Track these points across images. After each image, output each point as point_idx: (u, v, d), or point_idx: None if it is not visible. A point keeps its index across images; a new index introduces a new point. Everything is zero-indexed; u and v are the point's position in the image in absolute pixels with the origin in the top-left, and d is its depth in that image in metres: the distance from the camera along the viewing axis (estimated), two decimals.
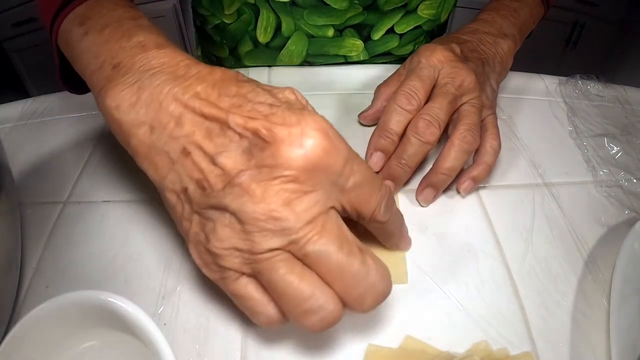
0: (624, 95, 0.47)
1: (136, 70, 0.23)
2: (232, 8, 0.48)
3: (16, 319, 0.28)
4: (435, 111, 0.33)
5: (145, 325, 0.22)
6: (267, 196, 0.20)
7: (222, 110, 0.21)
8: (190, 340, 0.27)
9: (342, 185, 0.22)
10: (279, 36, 0.49)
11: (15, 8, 1.51)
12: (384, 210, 0.24)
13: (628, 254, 0.30)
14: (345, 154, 0.21)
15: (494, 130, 0.36)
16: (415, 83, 0.34)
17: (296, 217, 0.20)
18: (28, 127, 0.43)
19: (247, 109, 0.21)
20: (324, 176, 0.21)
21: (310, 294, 0.21)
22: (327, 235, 0.21)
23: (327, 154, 0.20)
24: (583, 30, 1.51)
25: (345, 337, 0.28)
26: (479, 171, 0.35)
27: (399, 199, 0.35)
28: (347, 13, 0.47)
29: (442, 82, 0.34)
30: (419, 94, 0.34)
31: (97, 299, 0.23)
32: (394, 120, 0.34)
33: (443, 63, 0.35)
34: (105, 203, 0.35)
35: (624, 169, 0.39)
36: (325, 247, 0.21)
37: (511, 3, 0.44)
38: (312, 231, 0.20)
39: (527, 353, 0.27)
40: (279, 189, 0.20)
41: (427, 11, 0.50)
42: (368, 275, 0.22)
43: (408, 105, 0.33)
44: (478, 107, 0.35)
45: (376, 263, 0.22)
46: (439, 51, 0.35)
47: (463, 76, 0.34)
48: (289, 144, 0.20)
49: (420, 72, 0.35)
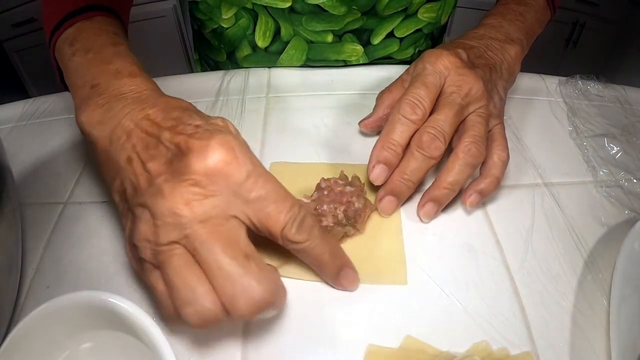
0: (624, 95, 0.47)
1: (109, 94, 0.28)
2: (229, 13, 0.47)
3: (17, 319, 0.28)
4: (441, 124, 0.32)
5: (146, 326, 0.23)
6: (174, 195, 0.23)
7: (161, 128, 0.25)
8: (190, 341, 0.27)
9: (245, 197, 0.24)
10: (278, 41, 0.49)
11: (15, 8, 1.51)
12: (295, 230, 0.25)
13: (628, 254, 0.30)
14: (248, 167, 0.24)
15: (502, 141, 0.35)
16: (420, 91, 0.33)
17: (192, 215, 0.23)
18: (28, 127, 0.43)
19: (178, 129, 0.25)
20: (224, 185, 0.24)
21: (192, 286, 0.23)
22: (216, 237, 0.23)
23: (228, 165, 0.23)
24: (583, 30, 1.51)
25: (345, 337, 0.28)
26: (486, 184, 0.33)
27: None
28: (346, 18, 0.46)
29: (448, 90, 0.33)
30: (424, 102, 0.32)
31: (99, 300, 0.23)
32: (397, 131, 0.32)
33: (449, 69, 0.34)
34: (106, 203, 0.35)
35: (624, 169, 0.39)
36: (211, 245, 0.23)
37: (517, 7, 0.43)
38: (203, 229, 0.23)
39: (527, 353, 0.27)
40: (184, 190, 0.23)
41: (428, 14, 0.49)
42: (243, 278, 0.23)
43: (412, 115, 0.32)
44: (485, 117, 0.33)
45: (260, 271, 0.24)
46: (444, 57, 0.34)
47: (470, 84, 0.33)
48: (197, 155, 0.23)
49: (426, 78, 0.33)
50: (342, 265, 0.29)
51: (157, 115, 0.26)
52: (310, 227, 0.26)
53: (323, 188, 0.32)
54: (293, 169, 0.38)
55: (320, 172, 0.34)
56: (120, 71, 0.29)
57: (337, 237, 0.31)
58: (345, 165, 0.38)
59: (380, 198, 0.33)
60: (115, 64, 0.30)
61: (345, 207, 0.31)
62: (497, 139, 0.35)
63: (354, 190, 0.32)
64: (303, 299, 0.29)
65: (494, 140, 0.35)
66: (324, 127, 0.42)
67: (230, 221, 0.24)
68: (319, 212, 0.31)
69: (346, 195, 0.32)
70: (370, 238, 0.33)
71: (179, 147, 0.24)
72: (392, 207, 0.33)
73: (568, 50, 1.57)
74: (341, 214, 0.31)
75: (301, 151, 0.39)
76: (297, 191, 0.35)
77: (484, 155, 0.33)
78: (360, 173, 0.35)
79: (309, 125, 0.42)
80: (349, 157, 0.39)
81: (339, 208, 0.31)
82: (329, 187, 0.32)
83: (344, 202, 0.31)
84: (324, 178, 0.33)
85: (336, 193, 0.32)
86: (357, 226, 0.32)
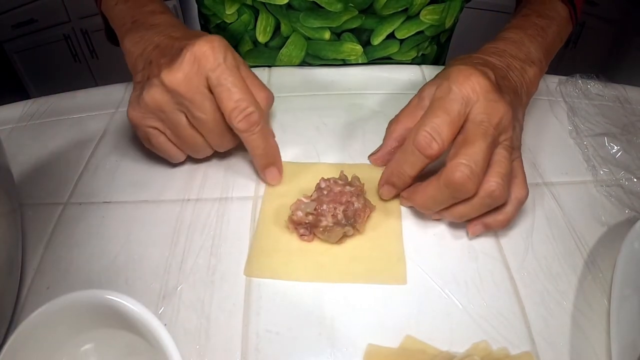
0: (624, 94, 0.47)
1: (145, 26, 0.37)
2: (232, 8, 0.48)
3: (17, 320, 0.28)
4: (477, 158, 0.28)
5: (152, 325, 0.23)
6: (170, 69, 0.31)
7: (174, 40, 0.34)
8: (190, 341, 0.27)
9: (213, 79, 0.31)
10: (278, 36, 0.49)
11: (15, 9, 1.51)
12: (239, 120, 0.31)
13: (628, 254, 0.30)
14: (219, 61, 0.31)
15: (522, 177, 0.32)
16: (440, 121, 0.29)
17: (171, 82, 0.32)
18: (28, 128, 0.43)
19: (184, 40, 0.33)
20: (202, 66, 0.31)
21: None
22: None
23: (204, 54, 0.31)
24: (583, 29, 1.51)
25: (345, 337, 0.28)
26: (496, 222, 0.31)
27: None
28: (343, 16, 0.46)
29: (478, 118, 0.29)
30: (443, 136, 0.29)
31: (102, 299, 0.23)
32: (409, 163, 0.30)
33: (479, 94, 0.29)
34: (106, 204, 0.35)
35: (624, 168, 0.39)
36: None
37: (539, 20, 0.40)
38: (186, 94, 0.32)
39: (527, 353, 0.27)
40: (178, 67, 0.31)
41: (430, 16, 0.49)
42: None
43: (428, 150, 0.29)
44: (510, 151, 0.30)
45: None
46: (474, 78, 0.29)
47: (501, 113, 0.29)
48: (189, 47, 0.31)
49: (450, 105, 0.29)
50: (271, 163, 0.35)
51: (176, 34, 0.35)
52: (253, 123, 0.32)
53: (323, 188, 0.32)
54: (293, 169, 0.38)
55: (320, 172, 0.34)
56: (154, 10, 0.39)
57: (337, 237, 0.31)
58: (345, 165, 0.38)
59: (381, 185, 0.34)
60: (149, 6, 0.39)
61: (345, 207, 0.31)
62: (517, 175, 0.32)
63: (353, 190, 0.32)
64: (303, 299, 0.29)
65: (514, 176, 0.31)
66: (324, 127, 0.42)
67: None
68: (318, 212, 0.31)
69: (346, 195, 0.32)
70: (370, 238, 0.33)
71: (180, 48, 0.32)
72: (391, 194, 0.34)
73: (568, 49, 1.56)
74: (341, 214, 0.31)
75: (301, 151, 0.39)
76: (297, 191, 0.35)
77: (505, 199, 0.30)
78: (360, 173, 0.35)
79: (309, 125, 0.42)
80: (349, 157, 0.39)
81: (338, 208, 0.31)
82: (328, 187, 0.32)
83: (343, 202, 0.31)
84: (324, 178, 0.33)
85: (336, 193, 0.32)
86: (356, 226, 0.32)
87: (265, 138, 0.33)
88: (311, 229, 0.32)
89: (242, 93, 0.31)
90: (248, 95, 0.32)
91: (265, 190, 0.36)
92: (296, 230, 0.32)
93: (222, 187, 0.36)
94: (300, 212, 0.31)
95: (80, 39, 1.63)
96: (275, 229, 0.33)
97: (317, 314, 0.29)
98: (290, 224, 0.32)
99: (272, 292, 0.30)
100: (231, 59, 0.32)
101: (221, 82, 0.31)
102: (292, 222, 0.32)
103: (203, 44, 0.31)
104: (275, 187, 0.36)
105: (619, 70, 1.48)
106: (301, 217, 0.31)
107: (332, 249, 0.32)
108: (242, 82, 0.32)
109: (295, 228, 0.32)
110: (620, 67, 1.48)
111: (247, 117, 0.31)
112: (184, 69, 0.31)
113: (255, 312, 0.29)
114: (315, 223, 0.31)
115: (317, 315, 0.29)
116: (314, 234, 0.32)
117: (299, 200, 0.32)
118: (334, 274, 0.31)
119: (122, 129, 0.43)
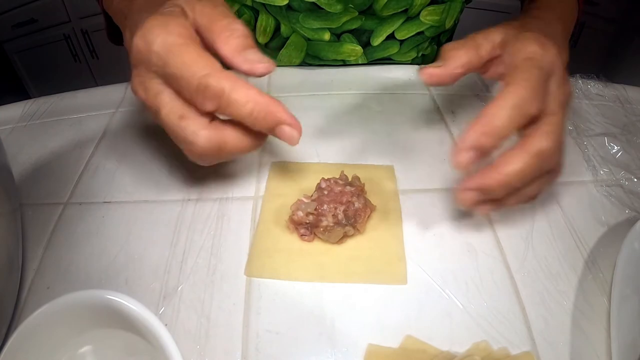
0: (624, 94, 0.47)
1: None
2: (232, 9, 0.48)
3: (18, 320, 0.28)
4: (560, 128, 0.28)
5: (152, 325, 0.23)
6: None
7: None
8: (191, 341, 0.27)
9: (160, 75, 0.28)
10: (278, 37, 0.49)
11: (15, 9, 1.51)
12: (201, 103, 0.27)
13: (628, 253, 0.30)
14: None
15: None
16: (538, 79, 0.28)
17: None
18: (29, 128, 0.43)
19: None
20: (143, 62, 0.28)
21: None
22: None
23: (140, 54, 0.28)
24: (583, 29, 1.51)
25: (345, 337, 0.28)
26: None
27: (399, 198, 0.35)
28: (343, 17, 0.46)
29: (559, 92, 0.29)
30: (539, 98, 0.28)
31: (102, 299, 0.23)
32: (505, 117, 0.27)
33: (561, 69, 0.30)
34: (106, 204, 0.35)
35: (624, 168, 0.39)
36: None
37: (551, 13, 0.38)
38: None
39: (527, 352, 0.27)
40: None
41: (430, 17, 0.49)
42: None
43: (532, 109, 0.28)
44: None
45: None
46: (555, 50, 0.30)
47: (569, 93, 0.31)
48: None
49: (540, 69, 0.28)
50: (276, 121, 0.31)
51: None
52: (214, 95, 0.27)
53: (323, 188, 0.32)
54: (293, 169, 0.38)
55: (320, 172, 0.34)
56: None
57: (338, 237, 0.31)
58: (345, 165, 0.38)
59: (465, 190, 0.29)
60: None
61: (345, 207, 0.31)
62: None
63: (353, 190, 0.32)
64: (303, 299, 0.29)
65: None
66: (324, 127, 0.42)
67: None
68: (319, 212, 0.31)
69: (346, 195, 0.32)
70: (370, 238, 0.33)
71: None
72: (475, 199, 0.29)
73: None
74: (341, 214, 0.31)
75: (301, 151, 0.39)
76: (297, 191, 0.35)
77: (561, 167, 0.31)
78: (360, 173, 0.35)
79: (309, 125, 0.42)
80: (349, 157, 0.39)
81: (338, 208, 0.31)
82: (329, 187, 0.32)
83: (344, 202, 0.31)
84: (324, 178, 0.33)
85: (336, 193, 0.32)
86: (357, 226, 0.32)
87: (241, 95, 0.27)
88: (312, 229, 0.32)
89: (188, 70, 0.27)
90: (197, 68, 0.27)
91: (266, 190, 0.36)
92: (296, 230, 0.32)
93: (222, 187, 0.36)
94: (301, 212, 0.31)
95: (81, 39, 1.63)
96: (276, 229, 0.33)
97: (318, 314, 0.29)
98: (290, 224, 0.32)
99: (273, 292, 0.30)
100: (161, 41, 0.28)
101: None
102: (293, 222, 0.32)
103: (137, 41, 0.28)
104: (276, 187, 0.36)
105: (619, 70, 1.48)
106: (301, 217, 0.31)
107: (332, 249, 0.32)
108: (184, 55, 0.27)
109: (295, 228, 0.32)
110: (620, 67, 1.48)
111: (208, 96, 0.27)
112: (134, 73, 0.29)
113: (255, 312, 0.29)
114: (315, 223, 0.31)
115: (318, 315, 0.29)
116: (315, 234, 0.32)
117: (299, 200, 0.32)
118: (334, 274, 0.31)
119: (122, 129, 0.43)
